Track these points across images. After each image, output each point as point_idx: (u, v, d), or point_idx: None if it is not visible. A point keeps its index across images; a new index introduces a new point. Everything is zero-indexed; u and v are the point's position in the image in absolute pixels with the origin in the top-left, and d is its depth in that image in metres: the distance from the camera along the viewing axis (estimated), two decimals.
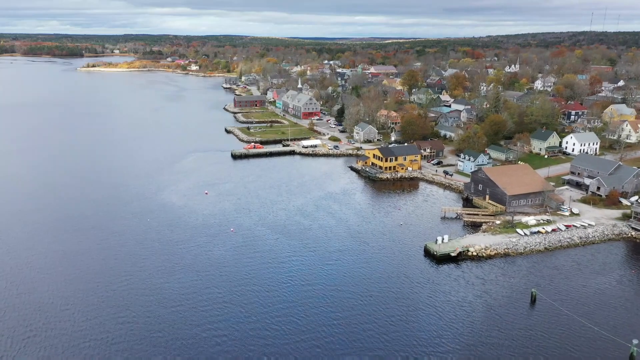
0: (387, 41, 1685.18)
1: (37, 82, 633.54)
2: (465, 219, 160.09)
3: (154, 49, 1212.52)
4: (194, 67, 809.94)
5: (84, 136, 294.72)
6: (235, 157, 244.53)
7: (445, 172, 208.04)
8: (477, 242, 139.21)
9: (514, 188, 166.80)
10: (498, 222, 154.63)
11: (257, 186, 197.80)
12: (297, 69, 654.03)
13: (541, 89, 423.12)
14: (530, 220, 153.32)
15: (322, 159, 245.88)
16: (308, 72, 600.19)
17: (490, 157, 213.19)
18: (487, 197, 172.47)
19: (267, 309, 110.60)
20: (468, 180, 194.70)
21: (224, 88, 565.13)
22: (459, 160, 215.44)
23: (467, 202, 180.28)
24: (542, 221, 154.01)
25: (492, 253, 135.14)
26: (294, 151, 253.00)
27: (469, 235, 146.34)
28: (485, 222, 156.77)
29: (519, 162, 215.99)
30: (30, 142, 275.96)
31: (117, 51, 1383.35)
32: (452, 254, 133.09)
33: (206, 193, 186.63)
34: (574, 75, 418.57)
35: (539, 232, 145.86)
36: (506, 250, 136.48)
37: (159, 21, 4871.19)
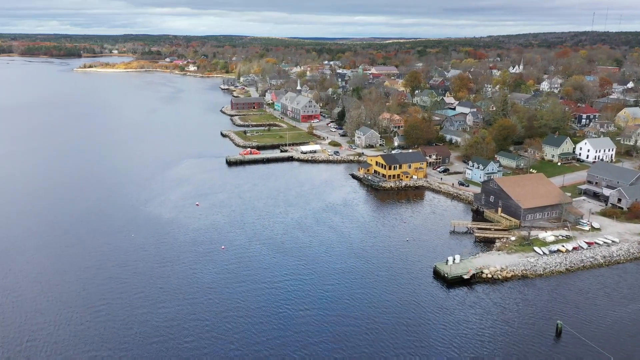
0: (387, 41, 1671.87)
1: (32, 83, 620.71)
2: (476, 234, 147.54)
3: (153, 49, 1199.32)
4: (192, 68, 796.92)
5: (75, 140, 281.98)
6: (230, 163, 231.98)
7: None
8: (492, 263, 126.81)
9: (529, 200, 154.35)
10: (513, 238, 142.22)
11: (252, 196, 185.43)
12: (297, 69, 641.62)
13: (547, 90, 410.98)
14: (548, 236, 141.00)
15: (321, 165, 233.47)
16: (308, 72, 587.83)
17: (500, 165, 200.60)
18: (500, 209, 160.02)
19: (259, 340, 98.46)
20: (477, 190, 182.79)
21: (222, 89, 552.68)
22: (467, 168, 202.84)
23: (478, 215, 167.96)
24: (561, 237, 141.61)
25: (509, 275, 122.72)
26: (292, 157, 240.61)
27: (482, 254, 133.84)
28: (498, 238, 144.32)
29: (531, 169, 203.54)
30: (20, 146, 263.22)
31: (115, 51, 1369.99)
32: (465, 277, 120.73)
33: (197, 204, 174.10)
34: (582, 76, 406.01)
35: (558, 250, 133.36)
36: (524, 272, 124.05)
37: (158, 21, 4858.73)
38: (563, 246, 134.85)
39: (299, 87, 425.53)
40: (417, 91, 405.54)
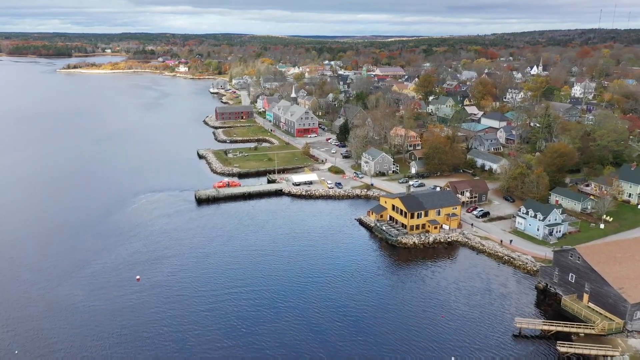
0: (390, 39, 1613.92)
1: (3, 87, 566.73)
2: (561, 349, 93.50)
3: (147, 49, 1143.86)
4: (182, 69, 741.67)
5: (11, 165, 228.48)
6: (200, 201, 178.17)
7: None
8: None
9: (638, 288, 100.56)
10: (625, 358, 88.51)
11: (222, 262, 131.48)
12: (295, 70, 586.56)
13: (580, 96, 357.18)
14: None
15: (319, 202, 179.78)
16: (306, 74, 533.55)
17: (563, 211, 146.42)
18: (587, 296, 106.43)
19: None
20: (530, 247, 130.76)
21: (211, 93, 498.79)
22: (519, 216, 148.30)
23: (546, 296, 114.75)
24: None
25: None
26: (281, 191, 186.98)
27: None
28: (596, 355, 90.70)
29: (606, 216, 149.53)
30: None
31: (109, 50, 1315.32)
32: None
33: (138, 279, 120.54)
34: (622, 80, 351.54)
35: None
36: None
37: (160, 20, 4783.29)
38: None
39: (293, 95, 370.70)
40: (431, 97, 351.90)
